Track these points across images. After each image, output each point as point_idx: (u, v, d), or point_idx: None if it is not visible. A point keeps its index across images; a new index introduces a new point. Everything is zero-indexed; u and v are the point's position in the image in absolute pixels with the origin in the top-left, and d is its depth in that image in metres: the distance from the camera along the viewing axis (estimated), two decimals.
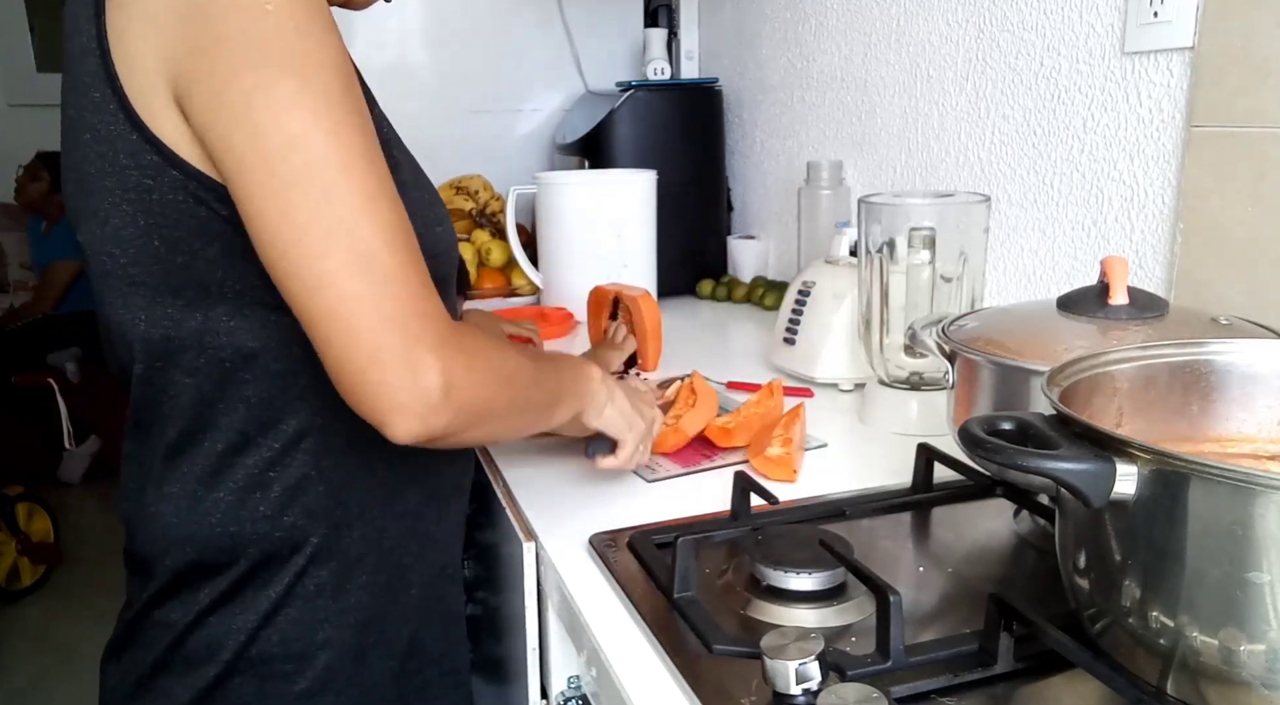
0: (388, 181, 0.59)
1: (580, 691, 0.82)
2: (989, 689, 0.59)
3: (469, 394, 0.60)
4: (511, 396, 0.66)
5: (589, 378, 0.80)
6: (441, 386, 0.58)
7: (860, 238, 1.09)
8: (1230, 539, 0.47)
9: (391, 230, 0.58)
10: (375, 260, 0.57)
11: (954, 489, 0.88)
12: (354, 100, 0.59)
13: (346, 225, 0.57)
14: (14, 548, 2.78)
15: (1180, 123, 1.01)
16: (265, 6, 0.56)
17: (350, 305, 0.57)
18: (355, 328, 0.57)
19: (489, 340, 0.65)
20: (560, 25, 2.15)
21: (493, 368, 0.63)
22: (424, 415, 0.58)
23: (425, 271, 0.60)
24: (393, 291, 0.57)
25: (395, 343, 0.57)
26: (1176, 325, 0.76)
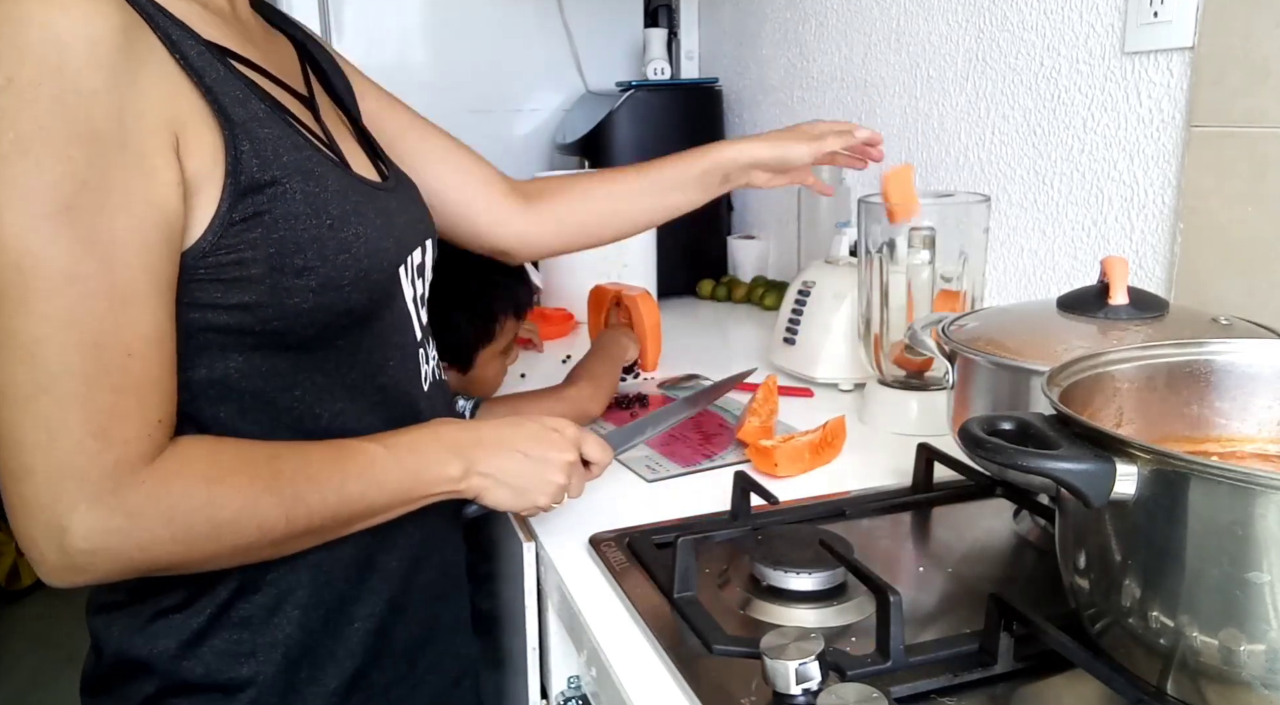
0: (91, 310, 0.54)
1: (580, 691, 0.82)
2: (989, 689, 0.59)
3: (125, 555, 0.57)
4: (217, 547, 0.60)
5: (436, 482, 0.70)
6: (81, 550, 0.55)
7: (860, 238, 1.09)
8: (1230, 539, 0.47)
9: (62, 372, 0.53)
10: (32, 404, 0.53)
11: (954, 489, 0.88)
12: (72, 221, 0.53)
13: (13, 362, 0.53)
14: (14, 548, 2.78)
15: (1180, 123, 1.01)
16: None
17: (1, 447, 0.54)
18: (1, 468, 0.55)
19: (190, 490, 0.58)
20: (560, 25, 2.15)
21: (175, 527, 0.58)
22: (62, 574, 0.56)
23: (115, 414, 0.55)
24: (42, 441, 0.53)
25: (32, 498, 0.54)
26: (1176, 325, 0.76)
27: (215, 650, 0.67)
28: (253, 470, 0.61)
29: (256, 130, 0.62)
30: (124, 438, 0.56)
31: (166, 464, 0.58)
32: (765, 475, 0.94)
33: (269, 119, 0.64)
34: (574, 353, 1.42)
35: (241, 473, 0.61)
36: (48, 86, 0.52)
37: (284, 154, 0.63)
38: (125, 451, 0.56)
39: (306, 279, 0.63)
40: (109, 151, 0.54)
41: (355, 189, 0.69)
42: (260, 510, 0.61)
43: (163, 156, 0.57)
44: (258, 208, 0.61)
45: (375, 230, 0.69)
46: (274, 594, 0.68)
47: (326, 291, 0.64)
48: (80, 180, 0.53)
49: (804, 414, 1.13)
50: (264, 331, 0.63)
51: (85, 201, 0.53)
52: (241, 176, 0.60)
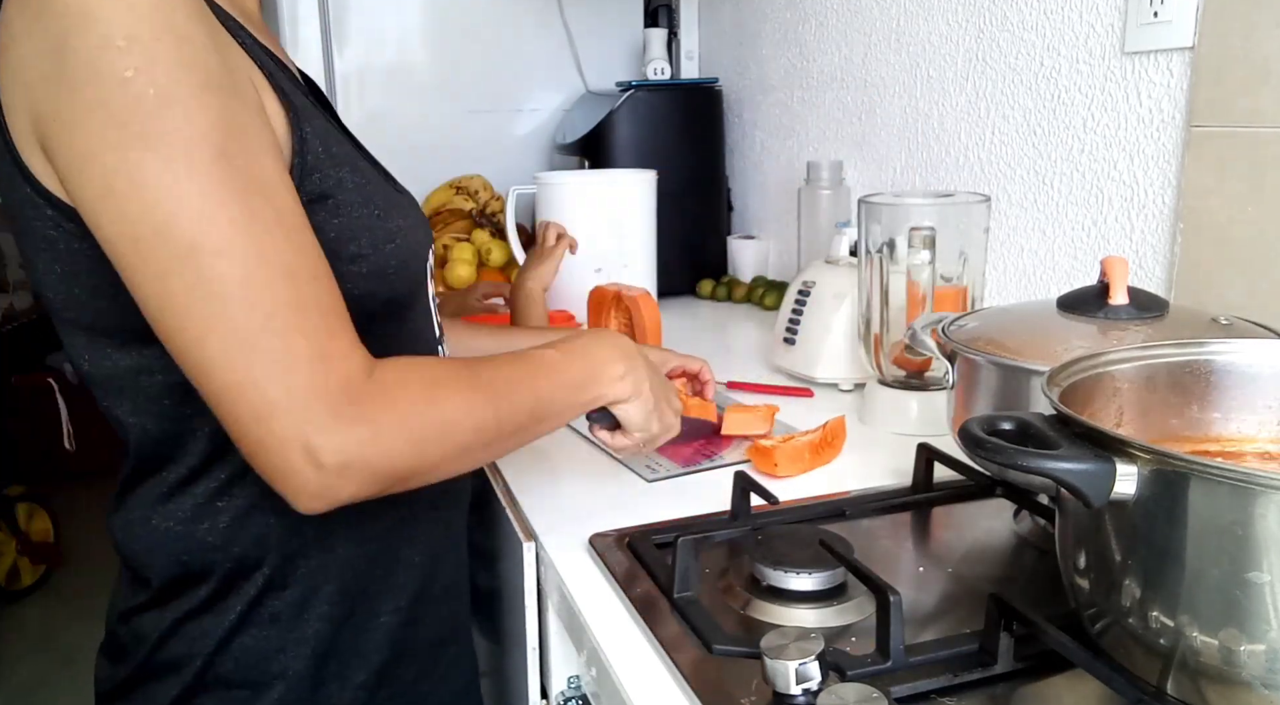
0: (275, 245, 0.56)
1: (580, 691, 0.82)
2: (989, 689, 0.59)
3: (375, 465, 0.58)
4: (446, 448, 0.62)
5: (603, 381, 0.75)
6: (337, 466, 0.56)
7: (860, 238, 1.09)
8: (1230, 539, 0.47)
9: (272, 306, 0.55)
10: (253, 344, 0.55)
11: (954, 489, 0.88)
12: (231, 167, 0.54)
13: (222, 311, 0.54)
14: (14, 548, 2.78)
15: (1180, 123, 1.01)
16: (125, 73, 0.52)
17: (232, 394, 0.55)
18: (239, 416, 0.55)
19: (415, 394, 0.60)
20: (560, 25, 2.15)
21: (410, 430, 0.59)
22: (322, 494, 0.57)
23: (326, 333, 0.57)
24: (275, 374, 0.55)
25: (279, 430, 0.55)
26: (1176, 325, 0.76)
27: (245, 647, 0.68)
28: (459, 375, 0.64)
29: (312, 117, 0.64)
30: (342, 353, 0.57)
31: (386, 374, 0.59)
32: (765, 475, 0.94)
33: (316, 110, 0.66)
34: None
35: (452, 378, 0.63)
36: (167, 40, 0.53)
37: (333, 145, 0.65)
38: (348, 366, 0.57)
39: (359, 265, 0.65)
40: (233, 97, 0.56)
41: (388, 185, 0.72)
42: (475, 410, 0.63)
43: (262, 108, 0.59)
44: (323, 190, 0.62)
45: (411, 224, 0.71)
46: (302, 590, 0.69)
47: (374, 279, 0.66)
48: (225, 125, 0.55)
49: (804, 414, 1.13)
50: None
51: (235, 144, 0.55)
52: (308, 157, 0.62)
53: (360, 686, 0.72)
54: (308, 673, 0.69)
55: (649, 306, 1.31)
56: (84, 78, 0.52)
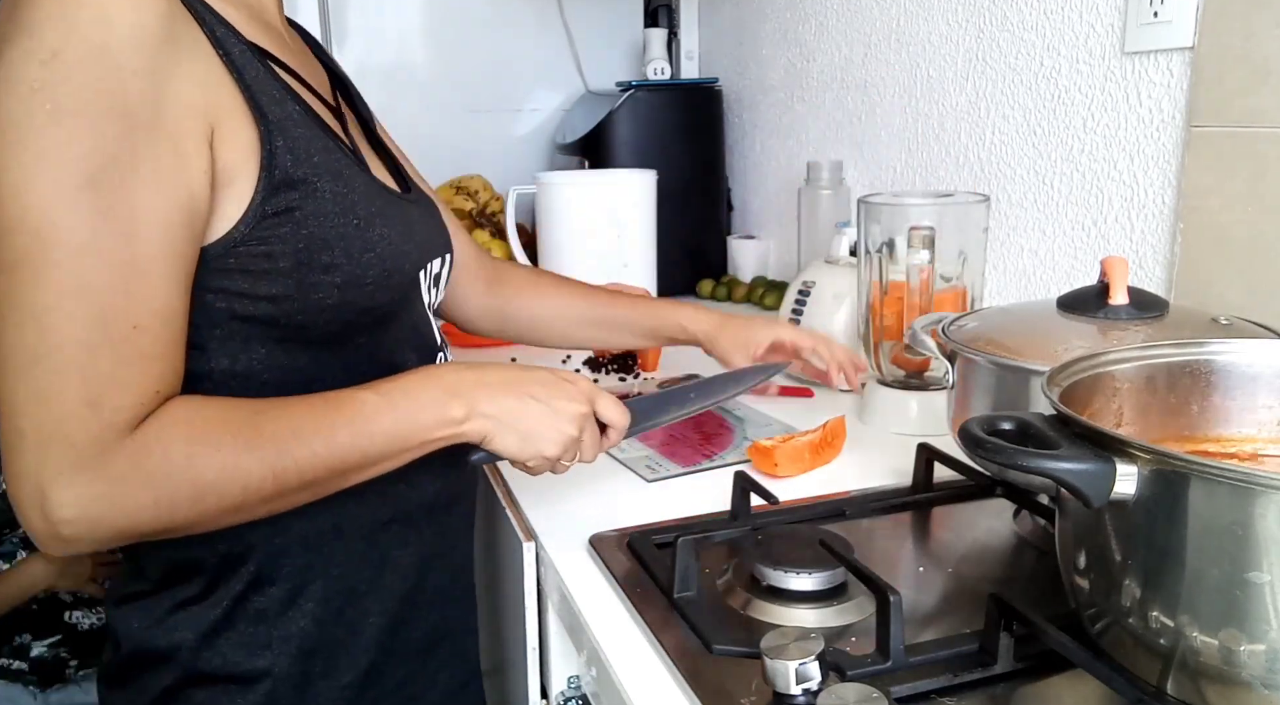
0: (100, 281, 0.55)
1: (580, 691, 0.82)
2: (989, 689, 0.59)
3: (108, 522, 0.56)
4: (202, 509, 0.59)
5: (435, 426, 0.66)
6: (66, 518, 0.55)
7: (860, 238, 1.09)
8: (1230, 539, 0.47)
9: (61, 340, 0.54)
10: (28, 371, 0.54)
11: (954, 489, 0.88)
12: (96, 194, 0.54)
13: (16, 328, 0.54)
14: None
15: (1180, 123, 1.01)
16: (32, 84, 0.53)
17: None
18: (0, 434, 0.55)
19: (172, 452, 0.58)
20: (560, 25, 2.15)
21: (157, 491, 0.57)
22: (48, 542, 0.56)
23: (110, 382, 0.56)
24: (32, 409, 0.54)
25: (21, 464, 0.55)
26: (1176, 325, 0.76)
27: (231, 642, 0.68)
28: (234, 429, 0.60)
29: (291, 129, 0.64)
30: (116, 406, 0.56)
31: (148, 429, 0.58)
32: (765, 475, 0.94)
33: (302, 121, 0.66)
34: (574, 352, 1.42)
35: (223, 432, 0.60)
36: (90, 63, 0.54)
37: (315, 155, 0.65)
38: (115, 419, 0.56)
39: (332, 275, 0.65)
40: (141, 130, 0.56)
41: (380, 194, 0.71)
42: (243, 469, 0.60)
43: (195, 143, 0.59)
44: (289, 204, 0.63)
45: (398, 234, 0.71)
46: (289, 587, 0.69)
47: (350, 288, 0.66)
48: (109, 155, 0.54)
49: (804, 414, 1.13)
50: (288, 324, 0.64)
51: (111, 176, 0.55)
52: (275, 171, 0.62)
53: (347, 686, 0.72)
54: (293, 670, 0.69)
55: None
56: (2, 82, 0.54)
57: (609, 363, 1.36)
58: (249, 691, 0.69)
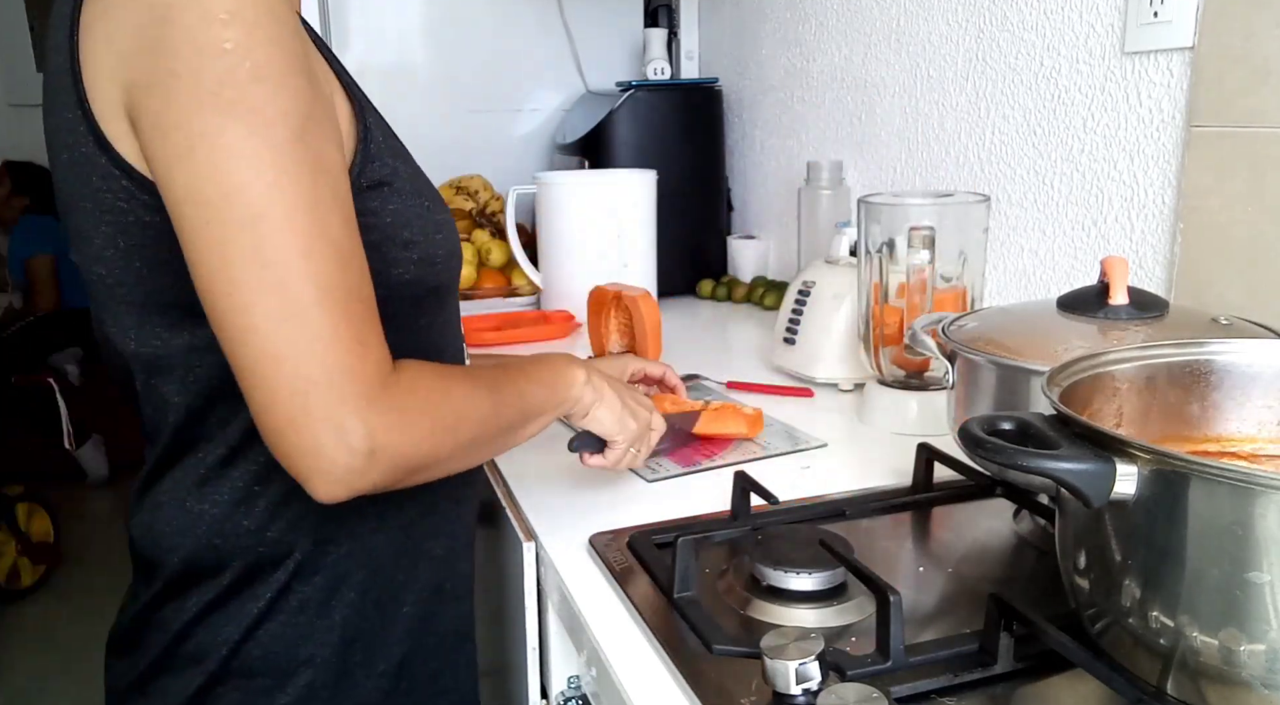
0: (334, 230, 0.57)
1: (580, 691, 0.82)
2: (989, 689, 0.59)
3: (399, 451, 0.59)
4: (458, 440, 0.64)
5: (569, 383, 0.78)
6: (365, 450, 0.56)
7: (860, 238, 1.09)
8: (1230, 539, 0.47)
9: (326, 284, 0.56)
10: (303, 317, 0.55)
11: (954, 489, 0.88)
12: (305, 148, 0.56)
13: (277, 281, 0.55)
14: (14, 548, 2.78)
15: (1180, 123, 1.01)
16: (224, 44, 0.54)
17: (269, 366, 0.55)
18: (275, 388, 0.55)
19: (432, 385, 0.62)
20: (560, 25, 2.15)
21: (431, 419, 0.61)
22: (346, 479, 0.57)
23: (365, 322, 0.58)
24: (318, 350, 0.55)
25: (315, 406, 0.55)
26: (1176, 325, 0.76)
27: (273, 634, 0.69)
28: (462, 373, 0.67)
29: (371, 110, 0.67)
30: (377, 341, 0.59)
31: (408, 367, 0.62)
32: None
33: (370, 105, 0.69)
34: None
35: (457, 375, 0.66)
36: (265, 20, 0.56)
37: (389, 137, 0.68)
38: (380, 354, 0.59)
39: (410, 252, 0.67)
40: (313, 85, 0.58)
41: (429, 181, 0.75)
42: (479, 403, 0.66)
43: (331, 107, 0.61)
44: (381, 178, 0.65)
45: (449, 219, 0.74)
46: (331, 577, 0.70)
47: (424, 265, 0.69)
48: (305, 109, 0.57)
49: (804, 414, 1.13)
50: None
51: (310, 130, 0.57)
52: (370, 145, 0.65)
53: (383, 675, 0.73)
54: (334, 660, 0.70)
55: (649, 306, 1.31)
56: (183, 46, 0.54)
57: None
58: (288, 684, 0.69)
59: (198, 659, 0.68)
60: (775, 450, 1.02)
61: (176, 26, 0.54)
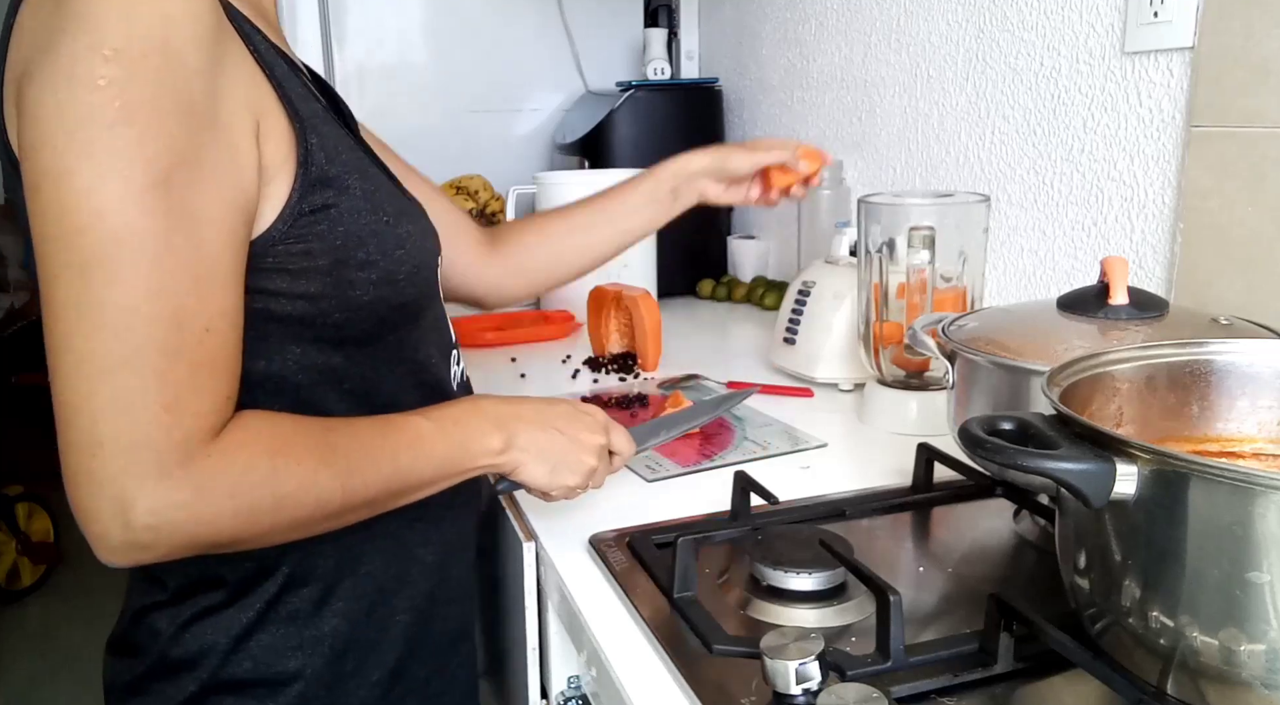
0: (176, 285, 0.54)
1: (580, 691, 0.82)
2: (989, 689, 0.59)
3: (188, 531, 0.55)
4: (276, 520, 0.59)
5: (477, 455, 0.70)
6: (145, 525, 0.53)
7: (860, 238, 1.09)
8: (1230, 539, 0.47)
9: (145, 343, 0.53)
10: (108, 375, 0.52)
11: (954, 489, 0.88)
12: (165, 196, 0.53)
13: (91, 332, 0.52)
14: (14, 548, 2.78)
15: (1180, 123, 1.01)
16: (98, 81, 0.51)
17: (67, 415, 0.53)
18: (68, 440, 0.53)
19: (254, 462, 0.57)
20: (560, 25, 2.15)
21: (238, 500, 0.57)
22: (123, 550, 0.55)
23: (188, 387, 0.55)
24: (116, 412, 0.52)
25: (100, 470, 0.53)
26: (1176, 325, 0.76)
27: (263, 645, 0.67)
28: (310, 443, 0.61)
29: (320, 127, 0.64)
30: (195, 411, 0.55)
31: (230, 436, 0.57)
32: None
33: (327, 118, 0.66)
34: (574, 353, 1.43)
35: (300, 446, 0.60)
36: (153, 59, 0.53)
37: (343, 152, 0.66)
38: (196, 425, 0.55)
39: (367, 272, 0.65)
40: (203, 128, 0.55)
41: (397, 192, 0.73)
42: (319, 483, 0.60)
43: (246, 139, 0.58)
44: (325, 201, 0.63)
45: (419, 230, 0.72)
46: (321, 588, 0.69)
47: (384, 285, 0.67)
48: (178, 154, 0.54)
49: (804, 414, 1.13)
50: (324, 323, 0.65)
51: (181, 176, 0.54)
52: (312, 168, 0.62)
53: (376, 684, 0.72)
54: (325, 670, 0.69)
55: (649, 306, 1.31)
56: (60, 76, 0.52)
57: (609, 363, 1.36)
58: (280, 694, 0.68)
59: (190, 665, 0.67)
60: (775, 450, 1.02)
61: (61, 53, 0.52)
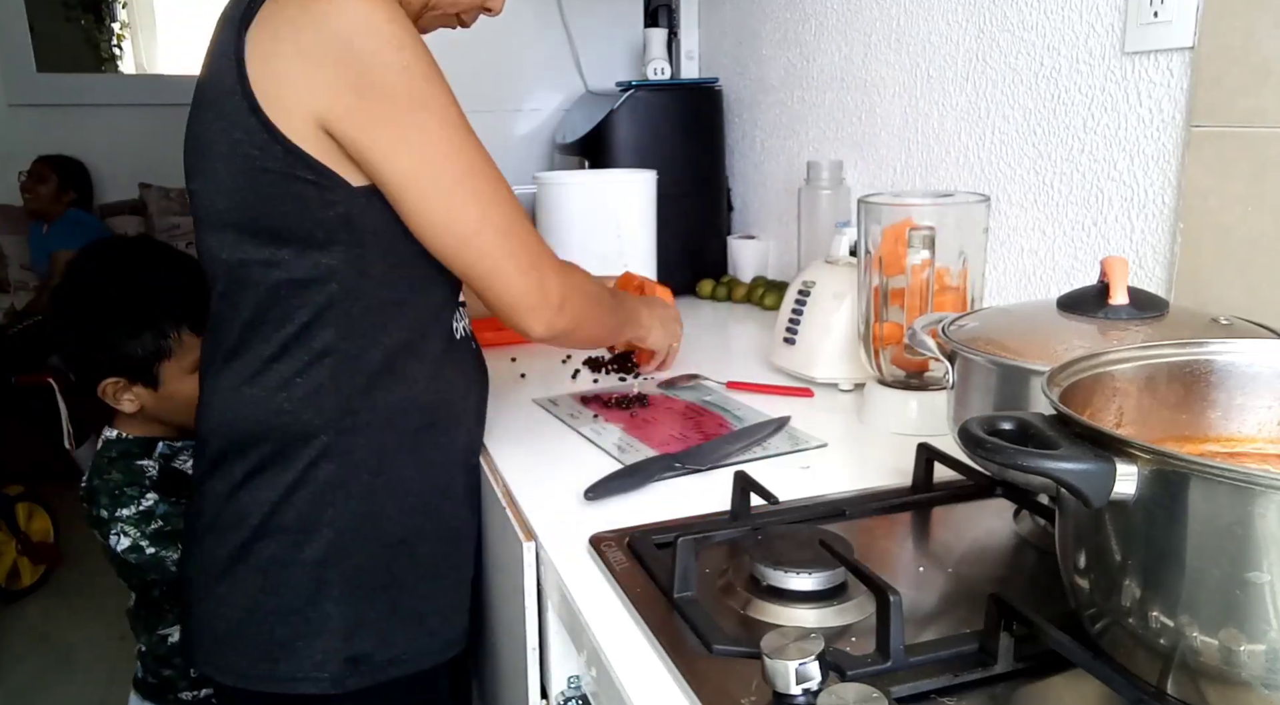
0: (498, 173, 0.86)
1: (580, 691, 0.82)
2: (989, 689, 0.59)
3: (576, 307, 0.93)
4: (599, 313, 0.99)
5: (640, 322, 1.18)
6: (559, 303, 0.90)
7: (860, 238, 1.09)
8: (1230, 539, 0.47)
9: (512, 207, 0.87)
10: (510, 231, 0.87)
11: (954, 489, 0.88)
12: (466, 121, 0.84)
13: (489, 211, 0.85)
14: (14, 548, 2.78)
15: (1180, 123, 1.01)
16: (403, 64, 0.80)
17: (505, 264, 0.87)
18: (509, 278, 0.87)
19: (584, 273, 0.98)
20: (560, 25, 2.15)
21: (588, 292, 0.96)
22: (551, 320, 0.90)
23: (535, 234, 0.90)
24: (525, 248, 0.88)
25: (533, 280, 0.88)
26: (1176, 325, 0.76)
27: (304, 498, 0.88)
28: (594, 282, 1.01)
29: None
30: (548, 250, 0.92)
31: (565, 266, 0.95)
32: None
33: None
34: (574, 353, 1.42)
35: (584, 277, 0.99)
36: (417, 44, 0.82)
37: None
38: (553, 255, 0.93)
39: None
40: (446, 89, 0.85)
41: None
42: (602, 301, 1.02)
43: None
44: None
45: None
46: (348, 462, 0.89)
47: None
48: (458, 108, 0.85)
49: (804, 414, 1.13)
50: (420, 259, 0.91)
51: (467, 121, 0.85)
52: None
53: (387, 546, 0.91)
54: (349, 526, 0.89)
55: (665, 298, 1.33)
56: (373, 67, 0.79)
57: (610, 362, 1.36)
58: (314, 539, 0.88)
59: (241, 518, 0.88)
60: (775, 450, 1.02)
61: (362, 53, 0.79)
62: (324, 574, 0.88)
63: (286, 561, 0.88)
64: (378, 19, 0.79)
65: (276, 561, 0.88)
